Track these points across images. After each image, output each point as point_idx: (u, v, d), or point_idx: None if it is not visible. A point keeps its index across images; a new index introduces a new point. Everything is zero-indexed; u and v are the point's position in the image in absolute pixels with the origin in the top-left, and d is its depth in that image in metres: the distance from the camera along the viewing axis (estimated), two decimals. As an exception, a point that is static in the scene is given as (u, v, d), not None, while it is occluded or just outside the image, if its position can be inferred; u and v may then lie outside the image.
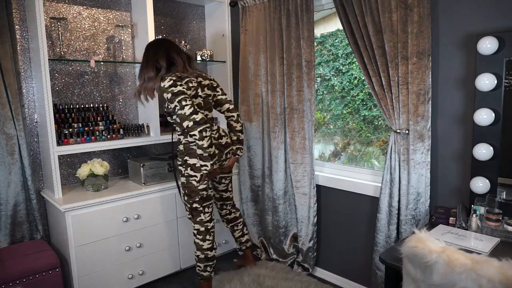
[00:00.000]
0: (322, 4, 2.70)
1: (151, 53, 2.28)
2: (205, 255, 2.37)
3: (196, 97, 2.25)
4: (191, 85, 2.21)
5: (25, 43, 2.49)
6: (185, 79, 2.20)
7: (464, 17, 1.94)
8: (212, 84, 2.40)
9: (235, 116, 2.44)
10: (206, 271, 2.40)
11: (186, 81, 2.20)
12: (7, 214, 2.43)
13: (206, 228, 2.35)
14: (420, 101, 2.05)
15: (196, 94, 2.25)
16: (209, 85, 2.37)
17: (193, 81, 2.25)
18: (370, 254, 2.45)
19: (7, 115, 2.37)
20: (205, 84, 2.35)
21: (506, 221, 1.78)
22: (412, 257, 1.29)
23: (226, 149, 2.42)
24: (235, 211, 2.72)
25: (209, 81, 2.38)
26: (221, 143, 2.39)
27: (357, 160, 2.88)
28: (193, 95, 2.21)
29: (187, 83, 2.20)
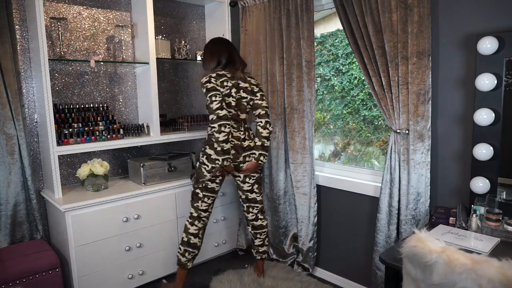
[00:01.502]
0: (322, 4, 2.70)
1: (217, 47, 2.46)
2: (188, 238, 2.49)
3: (229, 96, 2.37)
4: (225, 84, 2.35)
5: (25, 43, 2.49)
6: (222, 77, 2.35)
7: (464, 17, 1.94)
8: (252, 88, 2.46)
9: (262, 122, 2.45)
10: (184, 256, 2.49)
11: (223, 80, 2.34)
12: (7, 214, 2.43)
13: (199, 216, 2.48)
14: (420, 101, 2.05)
15: (229, 94, 2.37)
16: (247, 88, 2.43)
17: (230, 81, 2.36)
18: (370, 254, 2.45)
19: (7, 115, 2.37)
20: (242, 86, 2.42)
21: (506, 221, 1.78)
22: (412, 257, 1.29)
23: (246, 151, 2.44)
24: (263, 219, 2.64)
25: (249, 85, 2.45)
26: (242, 145, 2.44)
27: (357, 160, 2.88)
28: (226, 93, 2.36)
29: (222, 82, 2.34)
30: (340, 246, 2.72)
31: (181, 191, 2.77)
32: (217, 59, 2.42)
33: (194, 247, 2.49)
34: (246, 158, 2.45)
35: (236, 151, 2.42)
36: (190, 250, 2.49)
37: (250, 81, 2.47)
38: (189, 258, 2.50)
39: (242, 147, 2.44)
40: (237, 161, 2.44)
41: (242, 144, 2.44)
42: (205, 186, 2.42)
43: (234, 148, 2.41)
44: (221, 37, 2.61)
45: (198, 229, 2.49)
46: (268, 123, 2.46)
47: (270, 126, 2.47)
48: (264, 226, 2.65)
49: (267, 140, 2.47)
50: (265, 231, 2.66)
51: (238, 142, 2.43)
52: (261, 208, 2.64)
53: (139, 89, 2.96)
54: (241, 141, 2.44)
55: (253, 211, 2.60)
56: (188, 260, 2.50)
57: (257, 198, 2.59)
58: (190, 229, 2.48)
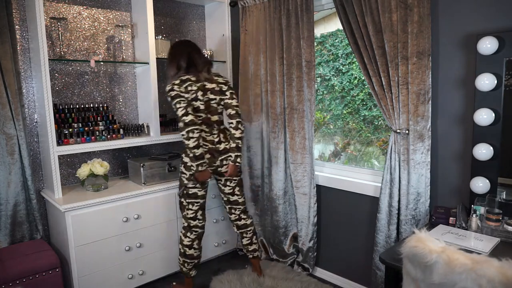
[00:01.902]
0: (322, 4, 2.70)
1: (175, 52, 2.42)
2: (184, 250, 2.50)
3: (196, 100, 2.33)
4: (190, 89, 2.31)
5: (25, 43, 2.49)
6: (186, 82, 2.31)
7: (464, 17, 1.94)
8: (221, 87, 2.41)
9: (234, 123, 2.40)
10: (184, 266, 2.52)
11: (186, 85, 2.30)
12: (7, 214, 2.43)
13: (189, 225, 2.48)
14: (420, 101, 2.05)
15: (196, 98, 2.33)
16: (214, 89, 2.38)
17: (195, 85, 2.32)
18: (370, 254, 2.45)
19: (7, 115, 2.37)
20: (209, 88, 2.38)
21: (506, 221, 1.78)
22: (412, 257, 1.29)
23: (222, 155, 2.41)
24: (246, 218, 2.64)
25: (216, 85, 2.39)
26: (217, 148, 2.40)
27: (357, 160, 2.88)
28: (192, 98, 2.32)
29: (186, 87, 2.30)
30: (340, 246, 2.72)
31: (181, 191, 2.78)
32: (176, 65, 2.38)
33: (191, 258, 2.51)
34: (223, 162, 2.43)
35: (211, 155, 2.39)
36: (188, 261, 2.51)
37: (218, 80, 2.42)
38: (189, 268, 2.53)
39: (217, 151, 2.41)
40: (214, 165, 2.41)
41: (217, 147, 2.41)
42: (186, 193, 2.43)
43: (209, 152, 2.38)
44: (181, 40, 2.53)
45: (192, 240, 2.49)
46: (240, 123, 2.41)
47: (242, 126, 2.43)
48: (248, 225, 2.64)
49: (241, 141, 2.43)
50: (250, 230, 2.65)
51: (213, 145, 2.40)
52: (244, 209, 2.63)
53: (139, 89, 2.96)
54: (216, 145, 2.40)
55: (235, 212, 2.61)
56: (189, 269, 2.53)
57: (239, 200, 2.59)
58: (184, 240, 2.49)
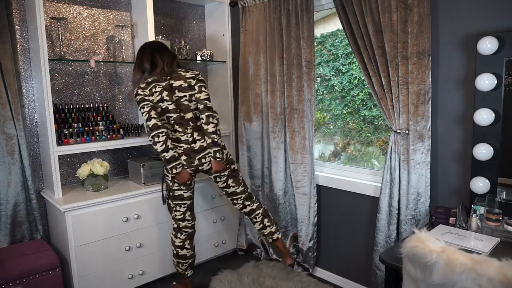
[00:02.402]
0: (322, 4, 2.70)
1: (138, 56, 2.38)
2: (176, 251, 2.49)
3: (162, 101, 2.27)
4: (154, 91, 2.26)
5: (25, 43, 2.49)
6: (151, 84, 2.27)
7: (464, 17, 1.94)
8: (189, 83, 2.28)
9: (204, 118, 2.25)
10: (178, 267, 2.51)
11: (151, 87, 2.27)
12: (7, 214, 2.43)
13: (178, 226, 2.46)
14: (420, 101, 2.05)
15: (162, 99, 2.26)
16: (181, 86, 2.28)
17: (159, 86, 2.27)
18: (370, 254, 2.45)
19: (7, 115, 2.37)
20: (176, 86, 2.28)
21: (506, 221, 1.78)
22: (412, 257, 1.29)
23: (199, 153, 2.32)
24: (251, 203, 2.55)
25: (183, 81, 2.28)
26: (193, 147, 2.31)
27: (357, 160, 2.88)
28: (157, 100, 2.27)
29: (151, 89, 2.26)
30: (340, 246, 2.72)
31: (181, 191, 2.77)
32: (140, 70, 2.33)
33: (184, 258, 2.49)
34: (202, 160, 2.33)
35: (187, 156, 2.30)
36: (182, 262, 2.49)
37: (185, 76, 2.30)
38: (184, 268, 2.51)
39: (193, 150, 2.32)
40: (193, 165, 2.32)
41: (192, 147, 2.31)
42: (172, 195, 2.40)
43: (184, 153, 2.30)
44: (145, 43, 2.44)
45: (182, 241, 2.47)
46: (211, 116, 2.25)
47: (214, 119, 2.26)
48: (255, 209, 2.56)
49: (216, 135, 2.26)
50: (258, 213, 2.57)
51: (188, 145, 2.31)
52: (246, 196, 2.55)
53: (139, 89, 2.96)
54: (191, 144, 2.32)
55: (238, 201, 2.55)
56: (184, 270, 2.52)
57: (237, 190, 2.51)
58: (175, 241, 2.48)
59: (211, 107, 2.29)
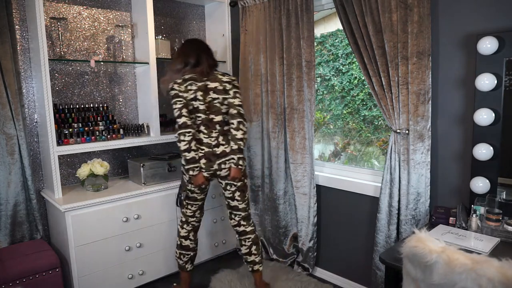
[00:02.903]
0: (322, 4, 2.70)
1: (185, 48, 2.40)
2: (180, 241, 2.51)
3: (195, 100, 2.28)
4: (189, 88, 2.27)
5: (25, 43, 2.49)
6: (188, 81, 2.28)
7: (464, 17, 1.94)
8: (224, 86, 2.31)
9: (234, 123, 2.27)
10: (180, 259, 2.52)
11: (187, 84, 2.27)
12: (7, 214, 2.43)
13: (187, 220, 2.51)
14: (420, 101, 2.05)
15: (195, 98, 2.27)
16: (217, 88, 2.30)
17: (195, 84, 2.28)
18: (370, 254, 2.45)
19: (7, 115, 2.37)
20: (211, 87, 2.30)
21: (506, 221, 1.78)
22: (412, 257, 1.29)
23: (220, 158, 2.29)
24: (246, 225, 2.46)
25: (219, 84, 2.31)
26: (214, 151, 2.30)
27: (357, 160, 2.88)
28: (191, 98, 2.28)
29: (186, 86, 2.27)
30: (340, 246, 2.72)
31: (181, 191, 2.78)
32: (183, 62, 2.34)
33: (187, 249, 2.50)
34: (222, 165, 2.30)
35: (207, 160, 2.29)
36: (184, 253, 2.50)
37: (222, 79, 2.32)
38: (185, 261, 2.51)
39: (214, 154, 2.29)
40: (211, 169, 2.30)
41: (214, 151, 2.30)
42: (186, 195, 2.44)
43: (204, 156, 2.28)
44: (194, 39, 2.52)
45: (188, 232, 2.49)
46: (241, 123, 2.28)
47: (244, 126, 2.30)
48: (248, 232, 2.46)
49: (243, 143, 2.30)
50: (249, 238, 2.46)
51: (209, 149, 2.30)
52: (245, 216, 2.46)
53: (139, 89, 2.96)
54: (213, 148, 2.30)
55: (235, 218, 2.47)
56: (185, 262, 2.52)
57: (239, 206, 2.43)
58: (181, 232, 2.50)
59: (243, 114, 2.32)
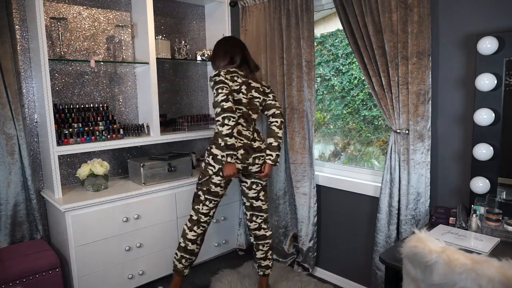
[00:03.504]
0: (322, 4, 2.70)
1: (231, 46, 2.40)
2: (186, 244, 2.38)
3: (239, 92, 2.27)
4: (236, 79, 2.26)
5: (25, 43, 2.49)
6: (233, 73, 2.27)
7: (464, 17, 1.94)
8: (264, 89, 2.40)
9: (278, 122, 2.39)
10: (180, 262, 2.39)
11: (233, 75, 2.26)
12: (7, 214, 2.43)
13: (198, 220, 2.36)
14: (420, 101, 2.05)
15: (239, 90, 2.27)
16: (258, 89, 2.36)
17: (241, 78, 2.28)
18: (370, 254, 2.45)
19: (7, 115, 2.37)
20: (254, 86, 2.35)
21: (506, 221, 1.78)
22: (412, 257, 1.29)
23: (256, 153, 2.30)
24: (267, 229, 2.46)
25: (260, 86, 2.38)
26: (252, 145, 2.30)
27: (357, 160, 2.88)
28: (235, 89, 2.25)
29: (232, 77, 2.25)
30: (340, 246, 2.72)
31: (181, 191, 2.77)
32: (230, 57, 2.35)
33: (191, 254, 2.39)
34: (256, 160, 2.31)
35: (245, 151, 2.26)
36: (187, 257, 2.38)
37: (262, 83, 2.43)
38: (185, 265, 2.40)
39: (252, 147, 2.29)
40: (247, 162, 2.27)
41: (252, 144, 2.30)
42: (208, 189, 2.30)
43: (243, 147, 2.26)
44: (238, 39, 2.53)
45: (197, 236, 2.37)
46: (283, 123, 2.43)
47: (282, 126, 2.43)
48: (268, 237, 2.46)
49: (281, 140, 2.42)
50: (268, 243, 2.46)
51: (248, 141, 2.29)
52: (266, 218, 2.46)
53: (139, 89, 2.96)
54: (251, 141, 2.30)
55: (256, 220, 2.43)
56: (184, 267, 2.40)
57: (263, 206, 2.42)
58: (188, 234, 2.37)
59: (283, 115, 2.47)
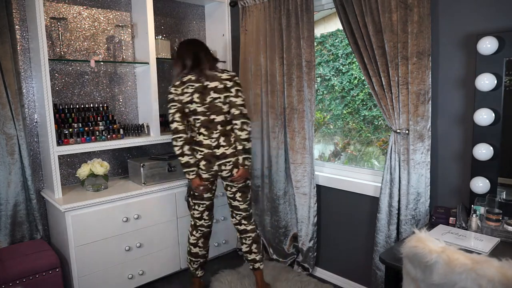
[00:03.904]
0: (322, 4, 2.70)
1: (181, 51, 2.36)
2: (189, 248, 2.52)
3: (191, 103, 2.27)
4: (185, 91, 2.26)
5: (25, 43, 2.49)
6: (186, 84, 2.27)
7: (464, 17, 1.94)
8: (225, 84, 2.27)
9: (238, 124, 2.26)
10: (190, 265, 2.54)
11: (184, 87, 2.27)
12: (7, 214, 2.43)
13: (195, 224, 2.49)
14: (420, 101, 2.05)
15: (191, 100, 2.26)
16: (217, 87, 2.26)
17: (192, 87, 2.26)
18: (370, 254, 2.45)
19: (7, 115, 2.37)
20: (211, 87, 2.26)
21: (506, 221, 1.78)
22: (412, 257, 1.29)
23: (220, 160, 2.29)
24: (247, 224, 2.47)
25: (219, 82, 2.27)
26: (214, 153, 2.29)
27: (357, 160, 2.88)
28: (187, 101, 2.27)
29: (183, 89, 2.26)
30: (340, 246, 2.72)
31: (181, 191, 2.77)
32: (181, 64, 2.31)
33: (196, 257, 2.51)
34: (222, 167, 2.30)
35: (207, 161, 2.29)
36: (194, 260, 2.51)
37: (221, 77, 2.27)
38: (195, 267, 2.53)
39: (214, 156, 2.29)
40: (212, 170, 2.31)
41: (214, 152, 2.29)
42: (193, 193, 2.44)
43: (204, 158, 2.29)
44: (188, 39, 2.47)
45: (197, 239, 2.49)
46: (245, 124, 2.27)
47: (248, 126, 2.28)
48: (248, 231, 2.47)
49: (248, 142, 2.29)
50: (249, 236, 2.47)
51: (209, 150, 2.29)
52: (246, 216, 2.47)
53: (139, 89, 2.96)
54: (213, 149, 2.29)
55: (236, 217, 2.49)
56: (195, 269, 2.53)
57: (240, 206, 2.44)
58: (190, 239, 2.51)
59: (246, 114, 2.30)
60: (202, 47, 2.37)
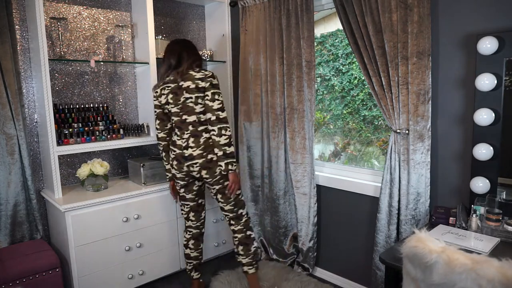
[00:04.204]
0: (322, 4, 2.70)
1: (167, 50, 2.36)
2: (184, 249, 2.58)
3: (167, 104, 2.28)
4: (163, 93, 2.29)
5: (25, 43, 2.49)
6: (164, 85, 2.29)
7: (464, 17, 1.94)
8: (197, 84, 2.17)
9: (215, 130, 2.16)
10: (186, 266, 2.59)
11: (161, 88, 2.30)
12: (7, 214, 2.43)
13: (185, 224, 2.56)
14: (420, 101, 2.05)
15: (167, 102, 2.28)
16: (189, 87, 2.18)
17: (168, 88, 2.26)
18: (370, 254, 2.45)
19: (7, 115, 2.37)
20: (184, 87, 2.19)
21: (506, 221, 1.78)
22: (412, 257, 1.29)
23: (188, 161, 2.24)
24: (235, 224, 2.41)
25: (191, 82, 2.18)
26: (183, 154, 2.25)
27: (357, 160, 2.88)
28: (164, 103, 2.31)
29: (161, 90, 2.30)
30: (340, 246, 2.72)
31: (181, 191, 2.77)
32: (166, 65, 2.30)
33: (188, 258, 2.54)
34: (191, 168, 2.26)
35: (178, 161, 2.28)
36: (187, 261, 2.55)
37: (195, 77, 2.18)
38: (189, 269, 2.56)
39: (183, 156, 2.25)
40: (183, 170, 2.29)
41: (183, 153, 2.25)
42: (179, 195, 2.48)
43: (175, 158, 2.29)
44: (176, 39, 2.44)
45: (187, 240, 2.53)
46: (223, 129, 2.17)
47: (227, 131, 2.18)
48: (236, 231, 2.41)
49: (229, 146, 2.18)
50: (236, 237, 2.40)
51: (180, 151, 2.26)
52: (233, 217, 2.40)
53: (139, 89, 2.96)
54: (182, 150, 2.25)
55: (225, 217, 2.46)
56: (189, 270, 2.56)
57: (224, 207, 2.39)
58: (184, 239, 2.57)
59: (223, 118, 2.18)
60: (188, 46, 2.32)
